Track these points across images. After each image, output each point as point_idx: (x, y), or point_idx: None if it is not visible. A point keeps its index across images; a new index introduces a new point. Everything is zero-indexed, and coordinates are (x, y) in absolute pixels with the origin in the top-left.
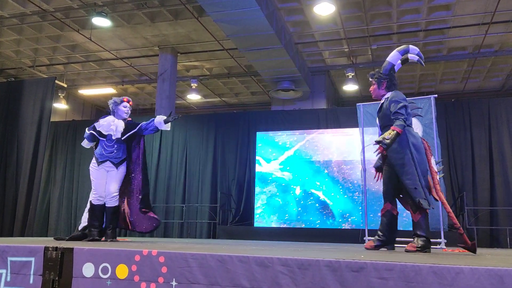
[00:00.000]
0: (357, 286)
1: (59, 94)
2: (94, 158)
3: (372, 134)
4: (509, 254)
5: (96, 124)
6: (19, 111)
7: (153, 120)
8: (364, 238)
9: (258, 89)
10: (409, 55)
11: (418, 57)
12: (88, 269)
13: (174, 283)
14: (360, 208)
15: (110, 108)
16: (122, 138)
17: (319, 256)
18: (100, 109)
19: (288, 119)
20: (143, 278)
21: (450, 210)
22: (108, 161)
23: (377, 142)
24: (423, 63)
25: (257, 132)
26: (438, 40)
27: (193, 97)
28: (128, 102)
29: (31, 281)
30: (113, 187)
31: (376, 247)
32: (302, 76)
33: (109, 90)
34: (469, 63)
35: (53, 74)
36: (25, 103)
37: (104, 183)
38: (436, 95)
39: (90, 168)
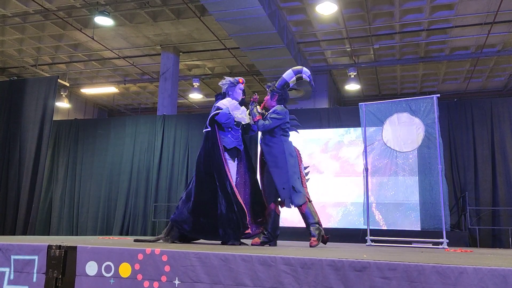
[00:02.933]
0: (360, 285)
1: (62, 93)
2: (218, 151)
3: (373, 134)
4: (511, 254)
5: (227, 108)
6: (22, 110)
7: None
8: (366, 238)
9: (260, 88)
10: (303, 75)
11: (309, 79)
12: (91, 268)
13: (177, 282)
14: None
15: (224, 90)
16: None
17: (322, 255)
18: (102, 108)
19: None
20: (146, 276)
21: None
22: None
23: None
24: (313, 85)
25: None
26: (440, 40)
27: (195, 96)
28: (243, 83)
29: (34, 279)
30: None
31: (262, 244)
32: None
33: (111, 89)
34: (471, 62)
35: (55, 73)
36: (28, 102)
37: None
38: (438, 95)
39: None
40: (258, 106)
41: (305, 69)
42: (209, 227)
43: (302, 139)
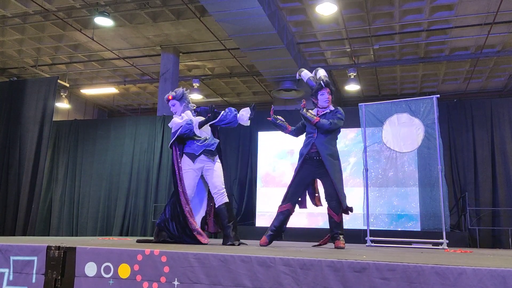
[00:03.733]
0: (359, 286)
1: (61, 94)
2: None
3: (374, 134)
4: (511, 255)
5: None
6: (22, 111)
7: (233, 113)
8: (366, 239)
9: (260, 89)
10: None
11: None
12: (90, 269)
13: (176, 282)
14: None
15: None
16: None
17: (321, 256)
18: (102, 108)
19: (290, 119)
20: (145, 277)
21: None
22: (202, 155)
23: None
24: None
25: (258, 132)
26: (440, 40)
27: (195, 97)
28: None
29: (33, 280)
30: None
31: (269, 242)
32: None
33: (111, 89)
34: (471, 63)
35: (55, 73)
36: (28, 103)
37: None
38: (438, 95)
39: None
40: (310, 110)
41: (323, 74)
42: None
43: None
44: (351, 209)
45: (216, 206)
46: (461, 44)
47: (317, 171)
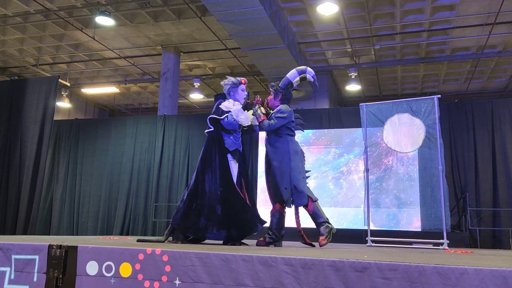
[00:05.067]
0: (361, 286)
1: (62, 93)
2: (222, 151)
3: (374, 133)
4: None
5: (229, 111)
6: (22, 110)
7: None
8: (367, 239)
9: (260, 88)
10: (307, 75)
11: (313, 79)
12: (92, 267)
13: (177, 282)
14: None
15: (226, 90)
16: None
17: (322, 255)
18: (103, 108)
19: None
20: (147, 276)
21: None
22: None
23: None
24: (317, 85)
25: (259, 132)
26: (441, 40)
27: (196, 97)
28: (245, 84)
29: (35, 279)
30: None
31: (267, 244)
32: None
33: (112, 89)
34: (472, 63)
35: (56, 72)
36: (28, 102)
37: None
38: (439, 96)
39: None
40: (261, 107)
41: (309, 69)
42: (211, 228)
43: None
44: (301, 203)
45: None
46: (462, 44)
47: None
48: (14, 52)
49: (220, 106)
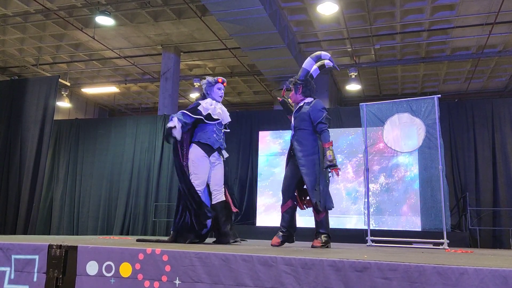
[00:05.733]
0: (361, 286)
1: (62, 93)
2: (197, 147)
3: (374, 133)
4: None
5: (201, 107)
6: (23, 110)
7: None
8: (367, 238)
9: (260, 88)
10: (325, 62)
11: (332, 63)
12: (92, 267)
13: (177, 281)
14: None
15: (203, 90)
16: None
17: (322, 255)
18: (103, 107)
19: None
20: (147, 276)
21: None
22: (216, 152)
23: (330, 167)
24: (338, 68)
25: (259, 131)
26: (441, 40)
27: (196, 96)
28: (222, 83)
29: (35, 279)
30: (221, 180)
31: (281, 243)
32: None
33: (112, 89)
34: (472, 63)
35: (56, 72)
36: (29, 102)
37: (207, 176)
38: (439, 95)
39: (194, 159)
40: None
41: (323, 53)
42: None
43: None
44: (328, 207)
45: (213, 203)
46: (462, 44)
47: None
48: (14, 52)
49: (198, 104)
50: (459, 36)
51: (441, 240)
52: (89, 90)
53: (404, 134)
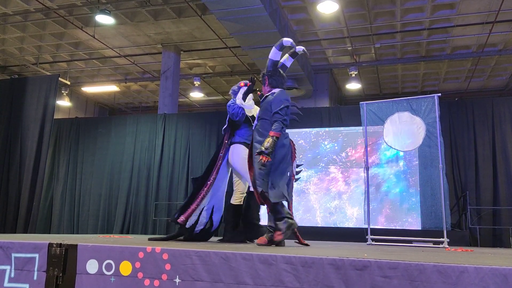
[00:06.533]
0: (361, 284)
1: (63, 92)
2: (239, 144)
3: (374, 132)
4: None
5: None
6: (23, 108)
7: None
8: (367, 237)
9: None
10: (296, 48)
11: (293, 45)
12: (92, 266)
13: (177, 280)
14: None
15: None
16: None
17: (322, 254)
18: (103, 106)
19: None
20: (147, 275)
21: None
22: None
23: (259, 153)
24: (299, 50)
25: None
26: (441, 39)
27: (196, 95)
28: (245, 85)
29: (35, 277)
30: None
31: (269, 242)
32: (305, 74)
33: (112, 87)
34: (472, 62)
35: (56, 71)
36: (29, 101)
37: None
38: (439, 94)
39: (238, 158)
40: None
41: (285, 39)
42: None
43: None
44: (277, 198)
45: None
46: (463, 42)
47: None
48: (14, 50)
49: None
50: (459, 35)
51: (441, 239)
52: (89, 89)
53: (405, 133)
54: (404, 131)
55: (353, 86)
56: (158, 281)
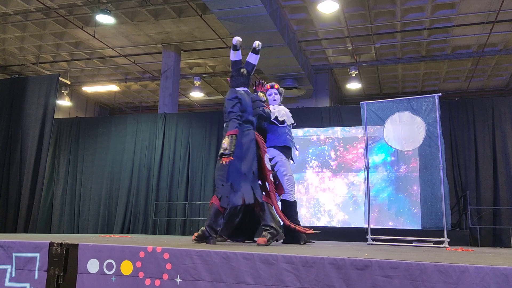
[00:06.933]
0: (362, 284)
1: (63, 91)
2: (276, 150)
3: (374, 132)
4: None
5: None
6: (23, 108)
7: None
8: (367, 237)
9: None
10: (253, 45)
11: (234, 42)
12: (93, 265)
13: (178, 279)
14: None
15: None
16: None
17: (323, 253)
18: (103, 106)
19: (293, 118)
20: (148, 274)
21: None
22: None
23: (220, 156)
24: (259, 44)
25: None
26: (442, 39)
27: (196, 95)
28: (272, 87)
29: (36, 277)
30: (294, 180)
31: (268, 241)
32: (305, 74)
33: (112, 87)
34: (473, 61)
35: (56, 71)
36: (29, 100)
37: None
38: (440, 94)
39: (282, 160)
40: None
41: (234, 38)
42: None
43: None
44: (232, 204)
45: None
46: (463, 42)
47: None
48: (14, 50)
49: None
50: (459, 35)
51: (442, 239)
52: (90, 89)
53: (405, 133)
54: (404, 130)
55: (353, 86)
56: (159, 280)
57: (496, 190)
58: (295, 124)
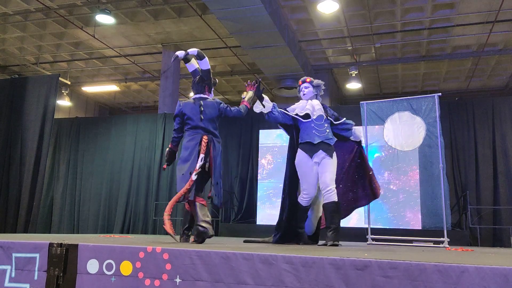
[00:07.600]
0: (361, 284)
1: (63, 91)
2: (299, 150)
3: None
4: None
5: (289, 109)
6: (23, 108)
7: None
8: (367, 237)
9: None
10: (189, 52)
11: (173, 58)
12: (92, 266)
13: (178, 280)
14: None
15: None
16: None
17: (323, 254)
18: (103, 106)
19: None
20: (148, 275)
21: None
22: (320, 150)
23: None
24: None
25: (259, 130)
26: (442, 39)
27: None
28: (303, 82)
29: (35, 277)
30: (332, 179)
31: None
32: (305, 74)
33: (112, 87)
34: (473, 61)
35: (56, 71)
36: (29, 100)
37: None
38: (440, 94)
39: (297, 163)
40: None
41: (191, 49)
42: None
43: None
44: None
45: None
46: (463, 42)
47: None
48: (14, 50)
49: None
50: (459, 35)
51: (442, 239)
52: (90, 89)
53: (405, 133)
54: (404, 130)
55: (353, 85)
56: (159, 281)
57: (496, 190)
58: (329, 115)
